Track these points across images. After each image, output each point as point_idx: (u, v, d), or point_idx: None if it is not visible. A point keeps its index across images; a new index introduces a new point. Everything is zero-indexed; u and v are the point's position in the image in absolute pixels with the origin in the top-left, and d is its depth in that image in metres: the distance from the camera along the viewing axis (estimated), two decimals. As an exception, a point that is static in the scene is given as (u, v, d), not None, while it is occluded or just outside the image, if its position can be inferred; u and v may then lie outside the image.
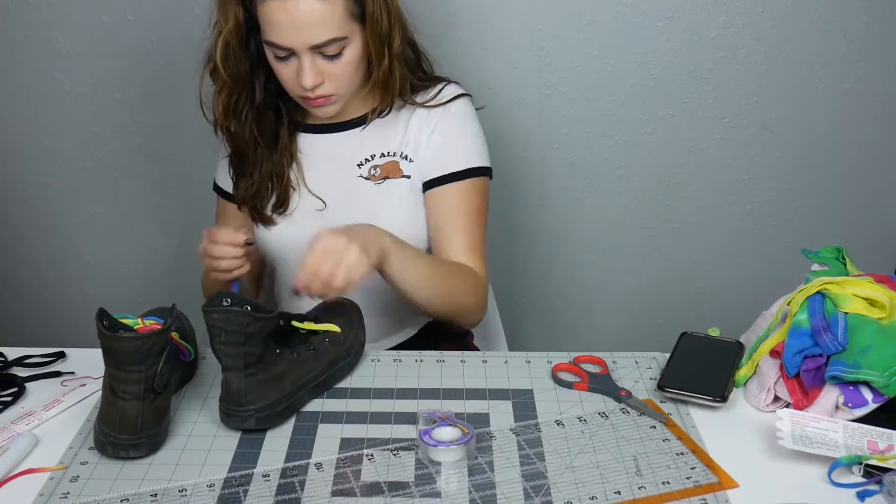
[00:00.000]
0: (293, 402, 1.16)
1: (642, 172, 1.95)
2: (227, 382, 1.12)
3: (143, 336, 1.05)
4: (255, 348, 1.11)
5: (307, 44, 1.30)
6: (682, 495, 1.01)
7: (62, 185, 1.98)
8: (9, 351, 1.31)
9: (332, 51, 1.32)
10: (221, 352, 1.11)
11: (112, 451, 1.07)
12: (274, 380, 1.13)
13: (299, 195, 1.48)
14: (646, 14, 1.82)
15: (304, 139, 1.49)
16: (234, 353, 1.10)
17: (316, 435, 1.13)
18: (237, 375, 1.11)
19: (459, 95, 1.47)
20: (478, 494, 1.01)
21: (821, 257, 1.30)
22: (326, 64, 1.33)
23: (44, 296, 2.10)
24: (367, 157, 1.46)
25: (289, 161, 1.47)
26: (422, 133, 1.45)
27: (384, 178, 1.45)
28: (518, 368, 1.27)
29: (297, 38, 1.30)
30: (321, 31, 1.29)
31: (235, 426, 1.12)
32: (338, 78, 1.35)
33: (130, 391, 1.06)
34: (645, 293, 2.07)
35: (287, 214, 1.48)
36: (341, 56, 1.33)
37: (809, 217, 2.00)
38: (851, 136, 1.93)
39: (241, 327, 1.09)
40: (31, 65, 1.87)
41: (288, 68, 1.34)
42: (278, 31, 1.30)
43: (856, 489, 1.01)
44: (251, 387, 1.11)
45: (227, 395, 1.12)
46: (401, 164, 1.46)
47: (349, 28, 1.32)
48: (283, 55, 1.33)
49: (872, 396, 1.11)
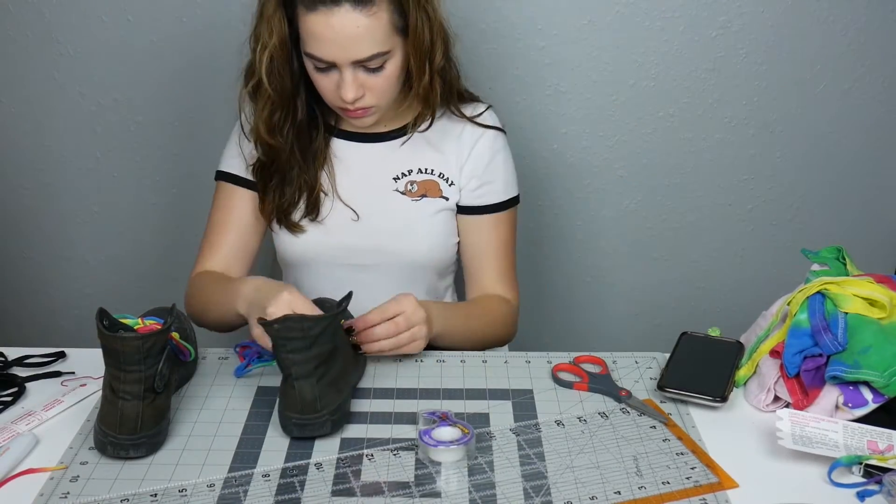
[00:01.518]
0: (349, 403, 1.16)
1: (642, 172, 1.95)
2: (300, 391, 1.09)
3: (143, 336, 1.05)
4: (324, 348, 1.10)
5: (350, 59, 1.28)
6: (682, 495, 1.01)
7: (62, 185, 1.98)
8: (9, 351, 1.31)
9: (374, 65, 1.30)
10: (289, 360, 1.09)
11: (112, 451, 1.07)
12: (335, 381, 1.13)
13: (331, 202, 1.45)
14: (646, 14, 1.81)
15: (338, 145, 1.47)
16: (302, 360, 1.09)
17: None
18: (308, 383, 1.10)
19: (496, 128, 1.48)
20: (478, 494, 1.01)
21: (821, 257, 1.30)
22: (367, 77, 1.31)
23: (44, 296, 2.10)
24: (404, 172, 1.45)
25: (321, 164, 1.45)
26: (468, 160, 1.45)
27: (422, 195, 1.45)
28: (518, 368, 1.27)
29: (341, 53, 1.28)
30: (365, 47, 1.28)
31: (311, 434, 1.10)
32: (378, 91, 1.34)
33: (130, 391, 1.06)
34: (645, 293, 2.07)
35: (318, 222, 1.45)
36: (383, 69, 1.32)
37: (809, 217, 2.00)
38: (851, 136, 1.93)
39: (305, 332, 1.08)
40: (31, 65, 1.87)
41: (328, 80, 1.32)
42: (321, 44, 1.28)
43: (856, 489, 1.02)
44: (324, 391, 1.10)
45: (303, 405, 1.09)
46: (441, 186, 1.45)
47: (392, 42, 1.30)
48: (323, 67, 1.31)
49: (872, 396, 1.11)
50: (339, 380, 1.14)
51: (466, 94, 1.49)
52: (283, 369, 1.11)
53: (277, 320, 1.08)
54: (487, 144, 1.46)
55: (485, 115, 1.48)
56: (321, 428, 1.10)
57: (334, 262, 1.47)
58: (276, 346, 1.10)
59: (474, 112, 1.47)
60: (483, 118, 1.47)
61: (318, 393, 1.10)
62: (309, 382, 1.10)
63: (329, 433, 1.11)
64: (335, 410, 1.11)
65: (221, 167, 1.50)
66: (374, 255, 1.46)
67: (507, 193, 1.48)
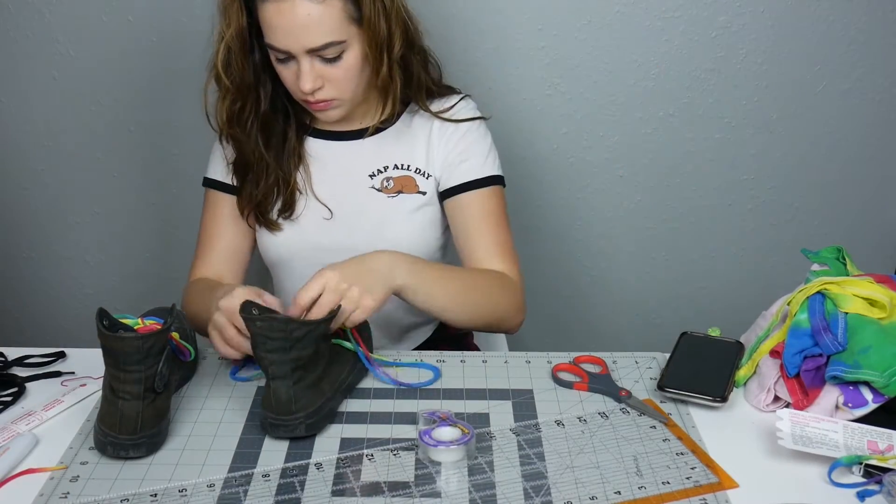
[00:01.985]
0: (332, 405, 1.15)
1: (642, 172, 1.95)
2: (275, 391, 1.09)
3: (143, 336, 1.05)
4: (304, 352, 1.09)
5: (304, 47, 1.29)
6: (682, 495, 1.01)
7: (62, 185, 1.98)
8: (9, 351, 1.31)
9: (330, 54, 1.30)
10: (267, 360, 1.09)
11: (112, 451, 1.07)
12: (315, 384, 1.12)
13: (306, 200, 1.46)
14: (646, 14, 1.82)
15: (312, 144, 1.47)
16: (280, 361, 1.09)
17: (316, 435, 1.12)
18: (285, 384, 1.09)
19: (475, 118, 1.46)
20: (478, 494, 1.01)
21: (821, 257, 1.30)
22: (325, 68, 1.32)
23: (44, 296, 2.10)
24: (379, 168, 1.45)
25: (296, 163, 1.45)
26: (439, 149, 1.44)
27: (398, 191, 1.44)
28: (518, 368, 1.27)
29: (295, 42, 1.29)
30: (318, 35, 1.28)
31: (285, 435, 1.10)
32: (338, 82, 1.34)
33: (130, 391, 1.06)
34: (645, 293, 2.07)
35: (293, 220, 1.46)
36: (340, 60, 1.32)
37: (809, 217, 2.00)
38: (851, 135, 1.93)
39: (287, 333, 1.07)
40: (31, 65, 1.87)
41: (289, 71, 1.33)
42: (275, 33, 1.29)
43: (856, 489, 1.01)
44: (300, 393, 1.10)
45: (277, 405, 1.09)
46: (417, 181, 1.45)
47: (347, 32, 1.30)
48: (282, 57, 1.32)
49: (872, 396, 1.11)
50: (322, 382, 1.13)
51: (439, 88, 1.47)
52: (261, 367, 1.11)
53: (261, 318, 1.08)
54: (461, 131, 1.45)
55: (459, 106, 1.46)
56: (294, 430, 1.09)
57: (312, 260, 1.46)
58: (256, 343, 1.09)
59: (446, 104, 1.45)
60: (456, 109, 1.45)
61: (294, 395, 1.09)
62: (285, 383, 1.09)
63: (303, 435, 1.10)
64: (312, 414, 1.10)
65: (207, 174, 1.51)
66: (350, 253, 1.45)
67: (485, 170, 1.44)
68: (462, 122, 1.45)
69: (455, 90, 1.49)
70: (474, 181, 1.44)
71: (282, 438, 1.10)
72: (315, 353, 1.11)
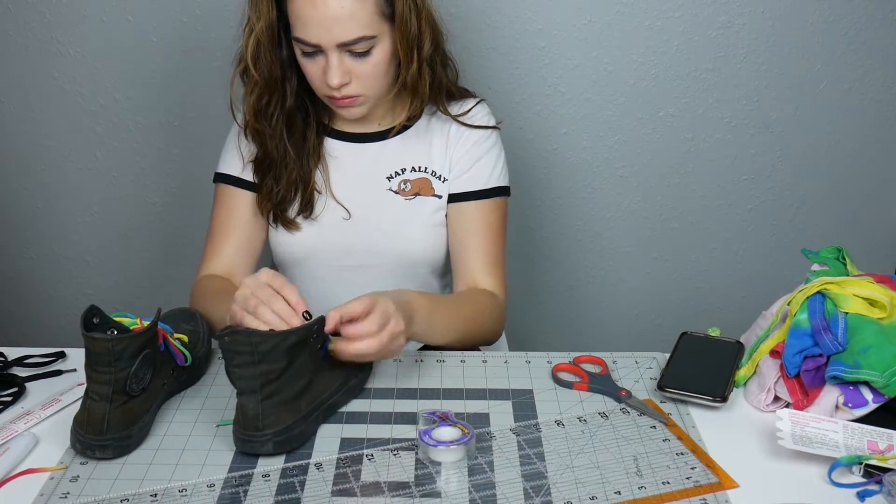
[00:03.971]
0: (309, 423, 1.11)
1: (642, 172, 1.95)
2: (242, 406, 1.07)
3: (113, 338, 1.04)
4: (273, 366, 1.06)
5: (335, 41, 1.28)
6: (682, 495, 1.01)
7: (62, 185, 1.98)
8: (9, 351, 1.31)
9: (360, 49, 1.30)
10: (235, 374, 1.07)
11: (80, 448, 1.06)
12: (291, 400, 1.09)
13: (325, 200, 1.46)
14: (646, 14, 1.82)
15: (331, 144, 1.47)
16: (248, 375, 1.06)
17: (316, 435, 1.12)
18: (252, 399, 1.06)
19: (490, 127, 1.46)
20: (478, 494, 1.01)
21: (821, 257, 1.30)
22: (354, 63, 1.32)
23: (44, 296, 2.10)
24: (397, 171, 1.45)
25: (315, 163, 1.45)
26: (455, 153, 1.45)
27: (415, 194, 1.44)
28: (518, 368, 1.27)
29: (325, 35, 1.28)
30: (350, 29, 1.28)
31: (251, 451, 1.07)
32: (365, 78, 1.33)
33: (99, 392, 1.05)
34: (645, 293, 2.07)
35: (313, 219, 1.45)
36: (370, 55, 1.31)
37: (809, 217, 2.00)
38: (851, 136, 1.93)
39: (252, 347, 1.05)
40: (31, 65, 1.87)
41: (315, 66, 1.33)
42: (306, 26, 1.28)
43: (856, 489, 1.01)
44: (268, 410, 1.07)
45: (244, 420, 1.07)
46: (433, 183, 1.45)
47: (378, 27, 1.30)
48: (310, 51, 1.31)
49: (872, 396, 1.11)
50: (300, 399, 1.10)
51: (457, 90, 1.48)
52: (231, 382, 1.09)
53: (227, 333, 1.05)
54: (475, 138, 1.45)
55: (475, 110, 1.47)
56: (261, 447, 1.06)
57: (329, 261, 1.47)
58: (225, 358, 1.07)
59: (463, 108, 1.46)
60: (473, 113, 1.46)
61: (262, 411, 1.06)
62: (252, 399, 1.06)
63: (271, 453, 1.07)
64: (281, 432, 1.07)
65: (219, 169, 1.50)
66: (367, 255, 1.46)
67: (493, 181, 1.45)
68: (478, 128, 1.45)
69: (471, 94, 1.50)
70: (479, 192, 1.45)
71: (250, 454, 1.08)
72: (288, 367, 1.08)
